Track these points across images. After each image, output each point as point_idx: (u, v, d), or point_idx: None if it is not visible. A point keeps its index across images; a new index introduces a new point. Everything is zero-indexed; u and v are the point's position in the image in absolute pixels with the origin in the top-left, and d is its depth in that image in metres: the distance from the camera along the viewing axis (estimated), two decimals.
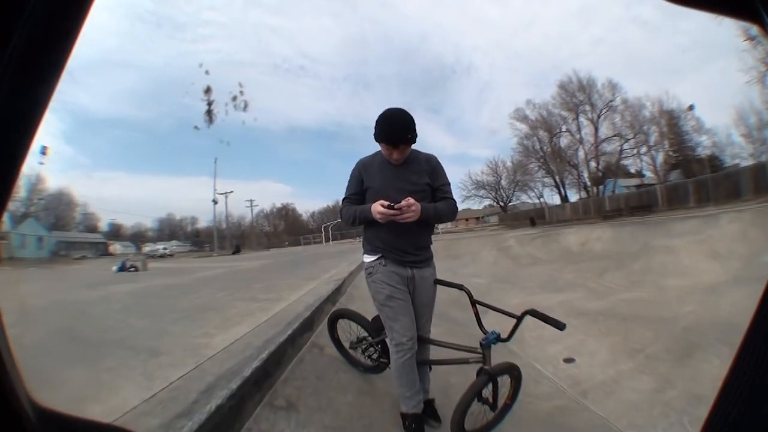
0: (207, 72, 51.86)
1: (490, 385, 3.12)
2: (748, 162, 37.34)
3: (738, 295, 6.92)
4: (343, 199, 3.31)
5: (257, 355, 3.66)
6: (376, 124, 2.99)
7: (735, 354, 0.82)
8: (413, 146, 3.14)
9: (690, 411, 3.80)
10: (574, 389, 4.62)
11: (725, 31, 37.24)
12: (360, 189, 3.22)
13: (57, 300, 9.90)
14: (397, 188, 3.05)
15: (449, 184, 3.29)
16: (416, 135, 3.02)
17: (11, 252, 39.65)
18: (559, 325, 2.76)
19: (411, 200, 2.84)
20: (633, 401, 4.27)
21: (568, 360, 5.43)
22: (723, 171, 37.18)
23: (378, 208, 2.87)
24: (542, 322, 2.84)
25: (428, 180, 3.16)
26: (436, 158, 3.31)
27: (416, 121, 2.98)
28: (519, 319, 3.02)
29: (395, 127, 2.96)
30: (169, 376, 3.33)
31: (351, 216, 3.14)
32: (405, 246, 3.13)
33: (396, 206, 2.81)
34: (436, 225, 3.44)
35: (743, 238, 10.85)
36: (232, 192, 61.48)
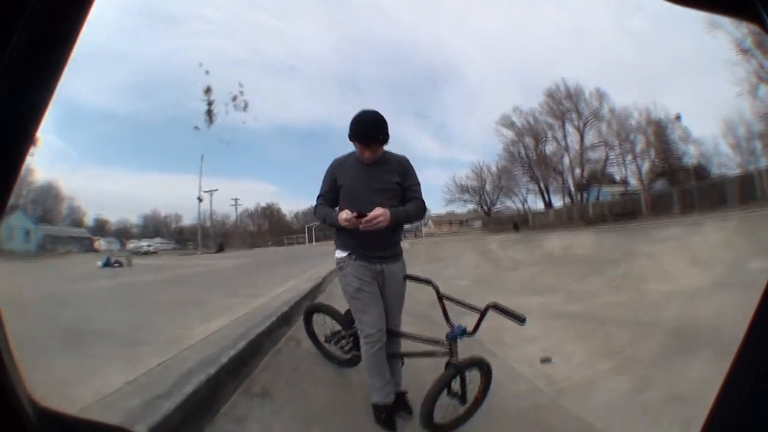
0: (207, 72, 51.50)
1: (459, 380, 3.16)
2: (735, 172, 37.78)
3: (720, 300, 6.93)
4: (318, 197, 3.44)
5: (233, 345, 3.78)
6: (350, 124, 3.13)
7: (734, 356, 0.82)
8: (386, 148, 3.26)
9: (669, 411, 3.80)
10: (550, 388, 4.62)
11: (718, 44, 37.52)
12: (333, 187, 3.34)
13: (46, 292, 10.07)
14: (369, 187, 3.20)
15: (419, 184, 3.43)
16: (388, 136, 3.17)
17: None
18: (519, 319, 2.89)
19: (379, 210, 2.95)
20: (610, 401, 4.29)
21: (545, 360, 5.40)
22: (709, 180, 37.56)
23: (343, 216, 3.01)
24: (519, 323, 2.93)
25: (399, 180, 3.30)
26: (407, 159, 3.45)
27: (403, 126, 3.10)
28: (483, 312, 3.12)
29: (368, 127, 3.10)
30: (150, 362, 3.46)
31: (322, 217, 3.33)
32: (374, 245, 3.22)
33: (365, 219, 2.92)
34: (419, 228, 3.54)
35: (727, 245, 10.87)
36: (217, 190, 60.70)
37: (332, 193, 3.34)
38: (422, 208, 3.36)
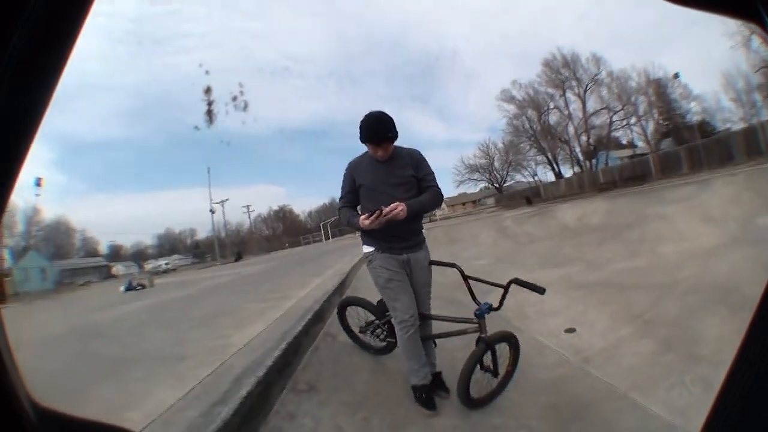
0: (207, 72, 51.97)
1: (490, 354, 3.39)
2: (739, 126, 37.37)
3: (735, 257, 7.01)
4: (340, 199, 3.67)
5: (276, 346, 3.90)
6: (360, 128, 3.32)
7: (734, 356, 0.81)
8: (396, 143, 3.44)
9: (690, 371, 3.92)
10: (576, 357, 4.81)
11: None
12: (353, 188, 3.54)
13: (73, 326, 9.94)
14: (387, 183, 3.40)
15: (432, 173, 3.59)
16: (397, 133, 3.35)
17: (15, 288, 39.14)
18: (539, 290, 3.12)
19: (396, 204, 3.15)
20: (634, 365, 4.43)
21: (570, 330, 5.60)
22: (714, 136, 37.17)
23: (364, 221, 3.19)
24: (535, 293, 3.17)
25: (413, 172, 3.47)
26: (418, 152, 3.61)
27: (405, 112, 3.31)
28: (506, 288, 3.35)
29: (377, 128, 3.29)
30: (198, 374, 3.52)
31: (346, 220, 3.51)
32: (397, 237, 3.43)
33: (384, 212, 3.10)
34: (433, 212, 3.71)
35: (738, 200, 10.89)
36: (228, 200, 61.23)
37: (353, 194, 3.55)
38: (438, 196, 3.52)
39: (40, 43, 0.79)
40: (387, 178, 3.42)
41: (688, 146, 36.53)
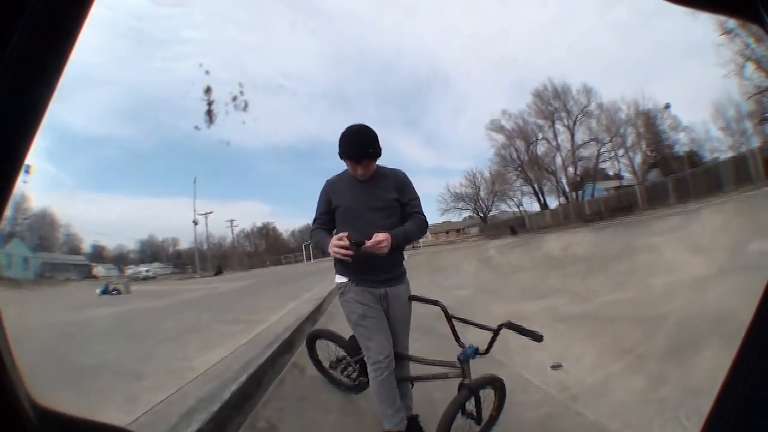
0: (207, 72, 51.93)
1: (474, 400, 3.04)
2: (727, 155, 37.87)
3: (725, 286, 6.89)
4: (314, 221, 3.29)
5: (236, 378, 3.70)
6: (339, 142, 2.99)
7: (734, 357, 0.81)
8: (380, 162, 3.14)
9: (686, 405, 3.71)
10: (563, 395, 4.52)
11: (701, 26, 37.90)
12: (328, 209, 3.20)
13: (47, 321, 10.43)
14: (366, 206, 3.06)
15: (418, 198, 3.28)
16: (380, 150, 3.01)
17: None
18: (536, 337, 2.73)
19: (381, 236, 2.79)
20: (625, 401, 4.19)
21: (556, 366, 5.32)
22: (703, 166, 37.61)
23: (335, 245, 2.82)
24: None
25: (396, 195, 3.14)
26: (403, 173, 3.29)
27: (394, 136, 2.99)
28: (495, 332, 2.99)
29: (357, 142, 2.95)
30: (151, 399, 3.40)
31: (316, 243, 3.15)
32: (375, 268, 3.07)
33: (364, 247, 2.75)
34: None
35: (726, 228, 10.87)
36: (212, 212, 61.39)
37: (327, 215, 3.21)
38: (424, 224, 3.19)
39: (40, 43, 0.81)
40: (367, 200, 3.08)
41: (676, 177, 36.88)
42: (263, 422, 3.40)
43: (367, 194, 3.08)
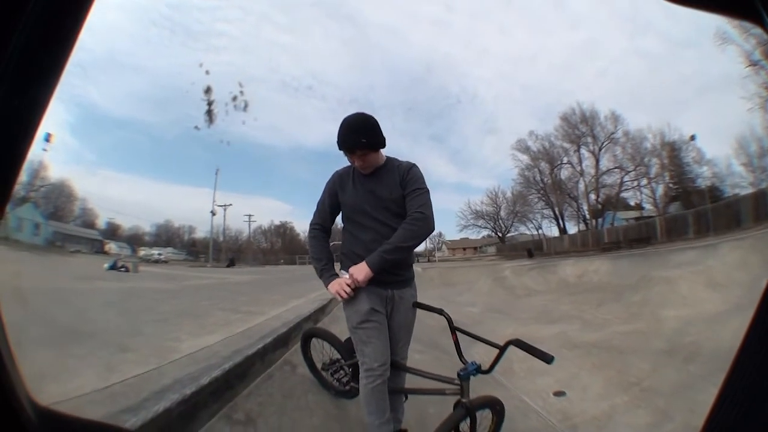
0: (207, 72, 52.17)
1: (469, 419, 2.79)
2: (748, 191, 37.32)
3: (738, 324, 6.56)
4: (314, 214, 3.07)
5: (220, 364, 3.58)
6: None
7: (734, 357, 0.85)
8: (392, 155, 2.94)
9: None
10: (564, 424, 4.36)
11: (727, 57, 37.42)
12: (333, 203, 2.99)
13: (48, 287, 10.67)
14: (369, 203, 2.82)
15: (422, 190, 2.85)
16: (379, 140, 2.76)
17: (7, 232, 39.78)
18: (546, 358, 2.40)
19: (352, 270, 2.70)
20: None
21: (559, 393, 5.15)
22: (723, 200, 37.12)
23: (335, 287, 2.77)
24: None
25: (401, 191, 2.83)
26: (411, 164, 2.95)
27: (420, 149, 2.72)
28: (502, 349, 2.67)
29: (351, 131, 2.70)
30: (129, 371, 3.34)
31: (313, 260, 3.01)
32: (384, 270, 2.75)
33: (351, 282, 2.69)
34: (433, 252, 3.19)
35: (744, 265, 10.63)
36: (231, 205, 61.46)
37: (330, 212, 3.00)
38: (422, 226, 2.71)
39: (40, 43, 0.82)
40: (370, 197, 2.82)
41: (696, 210, 36.35)
42: (241, 414, 3.29)
43: (370, 190, 2.84)
